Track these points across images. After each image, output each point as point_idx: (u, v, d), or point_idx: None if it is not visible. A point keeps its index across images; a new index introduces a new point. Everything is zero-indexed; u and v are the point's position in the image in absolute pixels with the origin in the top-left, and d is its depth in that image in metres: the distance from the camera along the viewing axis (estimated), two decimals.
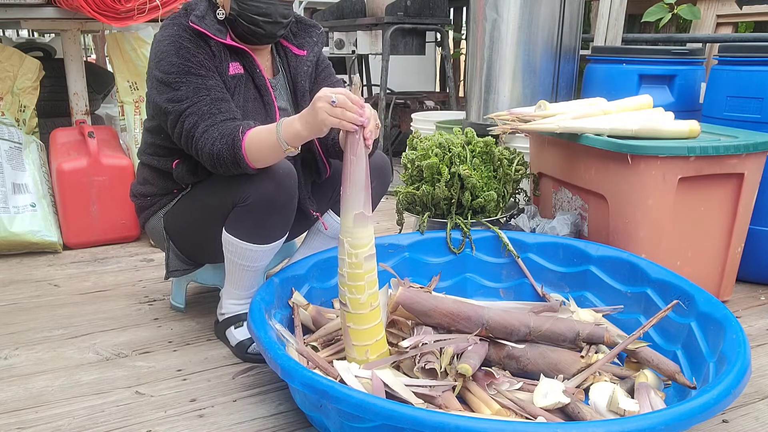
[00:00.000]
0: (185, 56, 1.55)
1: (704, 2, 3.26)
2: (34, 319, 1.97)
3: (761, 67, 2.10)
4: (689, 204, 1.89)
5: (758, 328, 1.92)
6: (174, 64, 1.54)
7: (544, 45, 2.61)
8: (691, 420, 1.11)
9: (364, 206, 1.38)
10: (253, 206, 1.56)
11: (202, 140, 1.51)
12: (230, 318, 1.77)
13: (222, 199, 1.60)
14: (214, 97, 1.55)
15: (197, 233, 1.72)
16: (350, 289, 1.41)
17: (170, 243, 1.78)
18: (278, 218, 1.60)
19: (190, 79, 1.54)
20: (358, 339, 1.44)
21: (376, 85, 4.40)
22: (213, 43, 1.59)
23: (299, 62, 1.76)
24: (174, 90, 1.55)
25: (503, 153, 2.07)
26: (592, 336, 1.52)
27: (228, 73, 1.61)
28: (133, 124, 2.79)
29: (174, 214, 1.73)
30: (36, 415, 1.45)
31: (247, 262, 1.65)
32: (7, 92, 2.79)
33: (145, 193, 1.78)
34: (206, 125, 1.52)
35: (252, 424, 1.43)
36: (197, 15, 1.58)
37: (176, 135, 1.58)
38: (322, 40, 1.81)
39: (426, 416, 1.09)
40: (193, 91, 1.54)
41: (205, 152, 1.51)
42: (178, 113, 1.55)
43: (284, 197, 1.57)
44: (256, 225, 1.59)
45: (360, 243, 1.40)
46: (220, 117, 1.53)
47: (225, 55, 1.61)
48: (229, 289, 1.77)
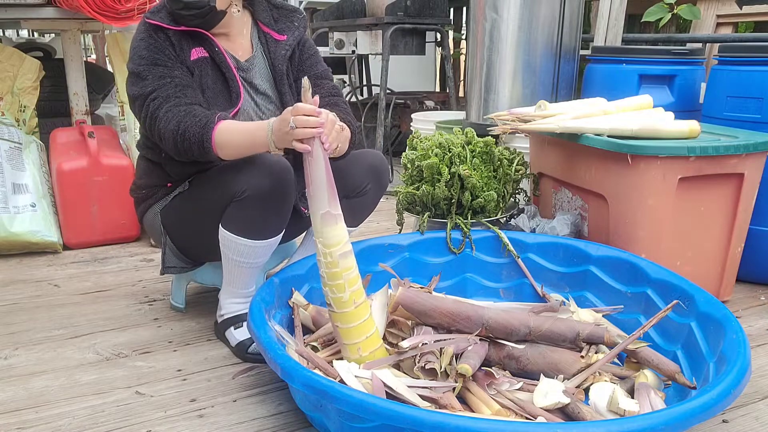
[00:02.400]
0: (152, 49, 1.64)
1: (704, 2, 3.26)
2: (34, 319, 1.97)
3: (761, 67, 2.10)
4: (689, 204, 1.89)
5: (758, 328, 1.92)
6: (143, 57, 1.64)
7: (544, 45, 2.61)
8: (691, 420, 1.11)
9: (329, 205, 1.39)
10: (249, 201, 1.57)
11: (165, 119, 1.57)
12: (229, 318, 1.77)
13: (218, 195, 1.61)
14: (178, 84, 1.62)
15: (194, 230, 1.73)
16: (331, 289, 1.42)
17: (167, 238, 1.79)
18: (274, 213, 1.61)
19: (156, 69, 1.62)
20: (348, 338, 1.44)
21: (376, 85, 4.40)
22: (170, 32, 1.66)
23: (279, 47, 1.79)
24: (142, 80, 1.62)
25: (503, 153, 2.07)
26: (592, 336, 1.51)
27: (190, 58, 1.68)
28: (133, 124, 2.78)
29: (171, 209, 1.74)
30: (36, 415, 1.45)
31: (244, 258, 1.65)
32: (7, 92, 2.79)
33: (141, 186, 1.81)
34: (170, 106, 1.58)
35: (252, 424, 1.43)
36: (152, 10, 1.69)
37: (142, 120, 1.64)
38: (303, 25, 1.84)
39: (426, 416, 1.09)
40: (159, 78, 1.61)
41: (169, 129, 1.56)
42: (143, 97, 1.61)
43: (280, 192, 1.58)
44: (253, 220, 1.60)
45: (331, 242, 1.40)
46: (185, 100, 1.59)
47: (186, 42, 1.68)
48: (227, 288, 1.77)
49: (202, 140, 1.52)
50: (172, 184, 1.76)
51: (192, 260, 1.85)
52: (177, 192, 1.75)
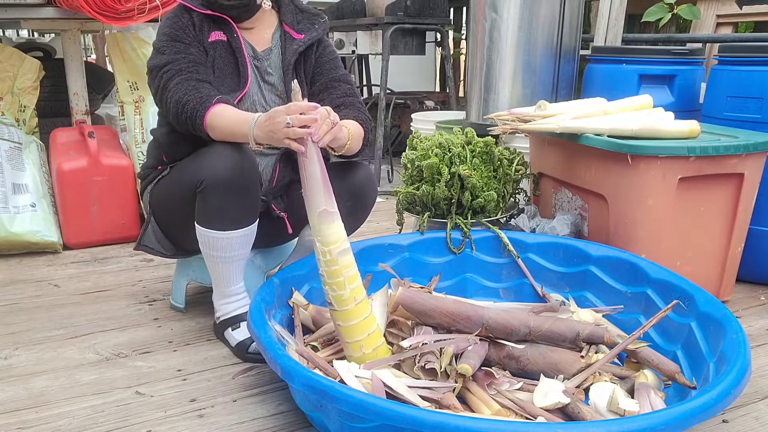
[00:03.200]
0: (174, 27, 1.73)
1: (704, 2, 3.26)
2: (34, 319, 1.97)
3: (761, 67, 2.10)
4: (689, 204, 1.89)
5: (758, 328, 1.92)
6: (165, 34, 1.73)
7: (544, 45, 2.61)
8: (691, 420, 1.11)
9: (325, 203, 1.40)
10: (208, 190, 1.59)
11: (174, 90, 1.64)
12: (226, 320, 1.77)
13: (185, 182, 1.66)
14: (191, 60, 1.69)
15: (168, 211, 1.79)
16: (331, 287, 1.42)
17: (151, 218, 1.85)
18: (237, 201, 1.61)
19: (174, 44, 1.71)
20: (349, 336, 1.44)
21: (376, 85, 4.40)
22: (195, 14, 1.75)
23: (293, 42, 1.83)
24: (160, 54, 1.71)
25: (503, 153, 2.07)
26: (592, 336, 1.51)
27: (208, 39, 1.75)
28: (133, 124, 2.79)
29: (156, 190, 1.82)
30: (36, 415, 1.45)
31: (219, 252, 1.66)
32: (7, 92, 2.79)
33: (144, 165, 1.89)
34: (180, 79, 1.65)
35: (252, 424, 1.43)
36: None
37: (154, 90, 1.72)
38: (323, 28, 1.88)
39: (426, 416, 1.09)
40: (175, 53, 1.70)
41: (175, 99, 1.63)
42: (158, 69, 1.69)
43: (241, 179, 1.59)
44: (216, 209, 1.61)
45: (329, 239, 1.41)
46: (195, 75, 1.67)
47: (207, 25, 1.76)
48: (216, 290, 1.78)
49: (195, 116, 1.60)
50: (162, 166, 1.82)
51: (173, 247, 1.87)
52: (163, 174, 1.80)
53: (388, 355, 1.49)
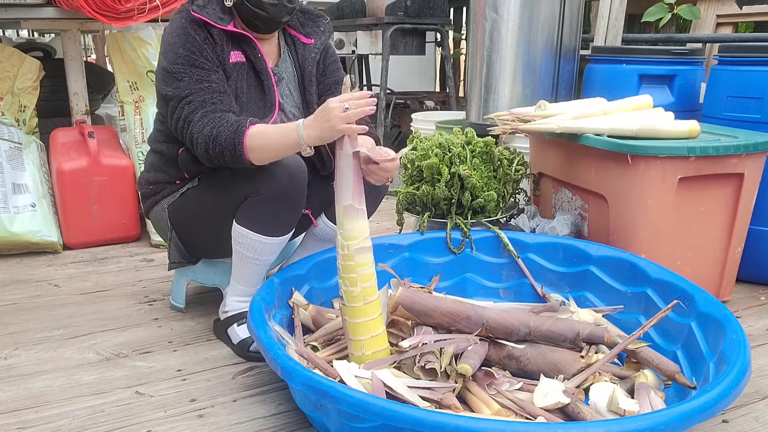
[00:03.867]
0: (191, 48, 1.60)
1: (704, 2, 3.26)
2: (34, 319, 1.97)
3: (761, 67, 2.10)
4: (689, 204, 1.89)
5: (758, 328, 1.92)
6: (180, 56, 1.60)
7: (544, 45, 2.61)
8: (691, 420, 1.11)
9: (352, 198, 1.42)
10: (265, 198, 1.59)
11: (201, 124, 1.56)
12: (233, 315, 1.77)
13: (232, 193, 1.63)
14: (215, 89, 1.60)
15: (202, 226, 1.74)
16: (344, 282, 1.44)
17: (173, 234, 1.79)
18: (288, 211, 1.63)
19: (193, 71, 1.60)
20: (353, 333, 1.46)
21: (376, 85, 4.40)
22: (215, 31, 1.63)
23: (307, 50, 1.80)
24: (177, 80, 1.60)
25: (503, 153, 2.07)
26: (593, 336, 1.51)
27: (229, 61, 1.66)
28: (133, 124, 2.78)
29: (180, 206, 1.75)
30: (36, 415, 1.45)
31: (257, 254, 1.67)
32: (7, 92, 2.79)
33: (150, 181, 1.81)
34: (204, 112, 1.57)
35: (252, 424, 1.43)
36: (199, 4, 1.64)
37: (174, 121, 1.62)
38: (329, 30, 1.85)
39: (426, 416, 1.09)
40: (196, 82, 1.59)
41: (204, 134, 1.54)
42: (178, 100, 1.60)
43: (295, 190, 1.61)
44: (268, 217, 1.62)
45: (350, 235, 1.42)
46: (220, 107, 1.58)
47: (227, 43, 1.66)
48: (234, 286, 1.77)
49: (234, 144, 1.50)
50: (181, 181, 1.76)
51: (194, 257, 1.86)
52: (186, 188, 1.75)
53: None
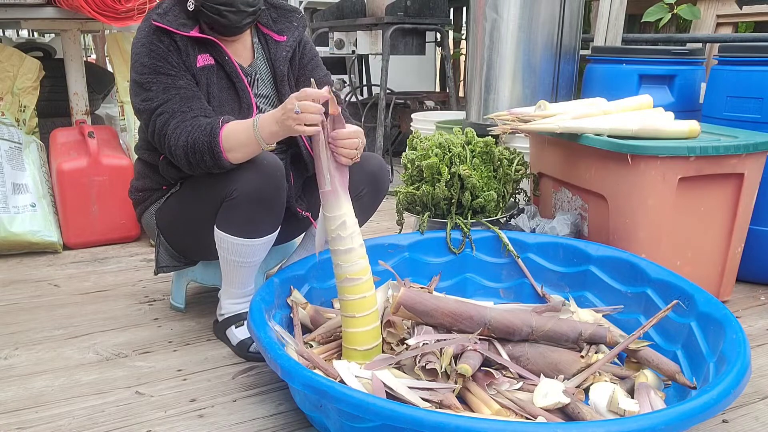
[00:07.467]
0: (155, 57, 1.59)
1: (704, 2, 3.26)
2: (34, 319, 1.97)
3: (761, 67, 2.10)
4: (689, 204, 1.89)
5: (758, 328, 1.92)
6: (145, 65, 1.59)
7: (544, 45, 2.61)
8: (691, 420, 1.11)
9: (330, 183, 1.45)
10: (240, 200, 1.57)
11: (174, 135, 1.55)
12: (230, 317, 1.77)
13: (210, 195, 1.62)
14: (183, 96, 1.58)
15: (187, 230, 1.73)
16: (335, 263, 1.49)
17: (161, 239, 1.79)
18: (266, 211, 1.61)
19: (160, 78, 1.58)
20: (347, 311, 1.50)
21: (376, 85, 4.39)
22: (178, 37, 1.61)
23: (279, 48, 1.77)
24: (146, 90, 1.59)
25: (503, 153, 2.07)
26: (595, 336, 1.51)
27: (196, 65, 1.63)
28: (133, 124, 2.79)
29: (165, 210, 1.75)
30: (36, 415, 1.45)
31: (241, 258, 1.66)
32: (7, 92, 2.79)
33: (138, 188, 1.81)
34: (177, 122, 1.56)
35: (252, 424, 1.43)
36: (159, 12, 1.62)
37: (150, 134, 1.62)
38: (303, 24, 1.82)
39: (426, 416, 1.09)
40: (163, 90, 1.58)
41: (180, 145, 1.54)
42: (150, 112, 1.59)
43: (271, 190, 1.58)
44: (245, 219, 1.60)
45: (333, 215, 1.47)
46: (191, 114, 1.57)
47: (192, 49, 1.63)
48: (226, 289, 1.77)
49: (211, 147, 1.50)
50: (167, 186, 1.76)
51: (187, 259, 1.85)
52: (170, 193, 1.75)
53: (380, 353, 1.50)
